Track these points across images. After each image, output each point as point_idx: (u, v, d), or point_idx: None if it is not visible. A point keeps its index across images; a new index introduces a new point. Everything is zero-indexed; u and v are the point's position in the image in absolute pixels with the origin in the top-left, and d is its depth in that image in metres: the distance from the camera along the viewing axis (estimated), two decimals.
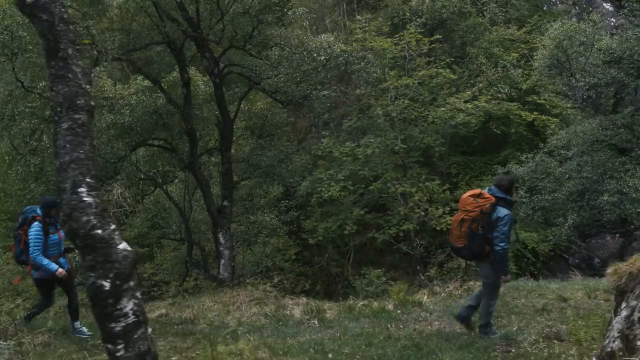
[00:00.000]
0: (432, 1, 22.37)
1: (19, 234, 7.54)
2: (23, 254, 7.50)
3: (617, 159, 13.10)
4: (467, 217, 6.74)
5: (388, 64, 15.20)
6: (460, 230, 6.81)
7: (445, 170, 23.11)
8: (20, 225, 7.55)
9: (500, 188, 6.84)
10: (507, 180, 7.05)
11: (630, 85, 13.50)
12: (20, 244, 7.51)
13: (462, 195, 7.00)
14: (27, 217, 7.46)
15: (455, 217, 6.94)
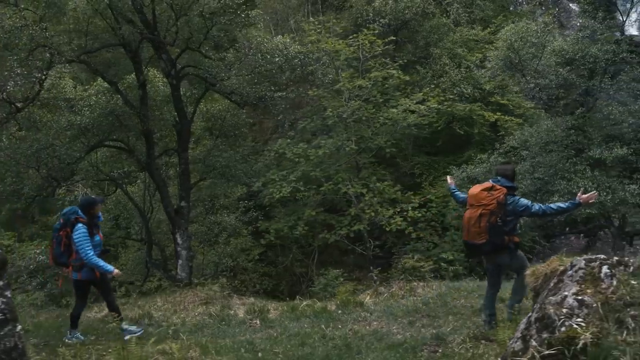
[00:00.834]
0: (395, 2, 22.55)
1: (59, 235, 7.44)
2: (63, 256, 7.46)
3: (569, 160, 13.33)
4: (486, 211, 6.66)
5: (342, 65, 15.25)
6: (480, 226, 6.72)
7: (409, 171, 23.34)
8: (61, 227, 7.45)
9: (506, 178, 6.90)
10: (510, 169, 7.14)
11: (581, 87, 13.75)
12: (60, 246, 7.43)
13: (472, 192, 6.87)
14: (69, 219, 7.37)
15: (471, 214, 6.79)
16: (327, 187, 14.13)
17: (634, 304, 4.43)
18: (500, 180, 6.86)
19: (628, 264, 4.85)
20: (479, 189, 6.83)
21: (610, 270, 4.73)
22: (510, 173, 7.02)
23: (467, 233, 6.93)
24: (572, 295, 4.55)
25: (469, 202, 6.89)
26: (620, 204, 12.47)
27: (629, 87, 13.59)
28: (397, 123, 14.06)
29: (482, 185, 6.89)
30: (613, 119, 13.46)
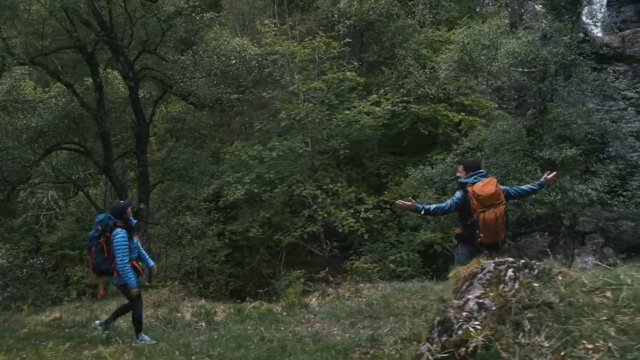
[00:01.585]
0: (359, 3, 22.60)
1: (99, 243, 7.39)
2: (105, 263, 7.41)
3: (520, 161, 13.48)
4: (504, 204, 6.62)
5: (297, 68, 15.20)
6: (503, 222, 6.65)
7: (375, 171, 23.46)
8: (101, 234, 7.40)
9: (481, 167, 7.00)
10: (478, 161, 7.32)
11: (532, 89, 13.92)
12: (103, 253, 7.38)
13: (486, 191, 6.59)
14: (108, 224, 7.36)
15: (497, 214, 6.56)
16: (280, 189, 14.12)
17: (532, 306, 4.49)
18: (484, 172, 6.89)
19: (533, 267, 4.93)
20: (492, 187, 6.62)
21: (514, 274, 4.79)
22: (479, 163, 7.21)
23: (496, 233, 6.72)
24: (474, 299, 4.61)
25: (485, 204, 6.58)
26: (570, 204, 12.66)
27: (580, 89, 13.79)
28: (351, 125, 14.04)
29: (489, 183, 6.68)
30: (562, 120, 13.67)
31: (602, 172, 12.98)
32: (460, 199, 6.95)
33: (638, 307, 4.31)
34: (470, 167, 7.06)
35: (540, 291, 4.59)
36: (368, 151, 24.06)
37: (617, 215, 13.08)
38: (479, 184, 6.73)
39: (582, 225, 13.73)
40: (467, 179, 6.89)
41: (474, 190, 6.67)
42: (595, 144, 13.73)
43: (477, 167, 7.01)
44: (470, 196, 6.72)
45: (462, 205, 6.97)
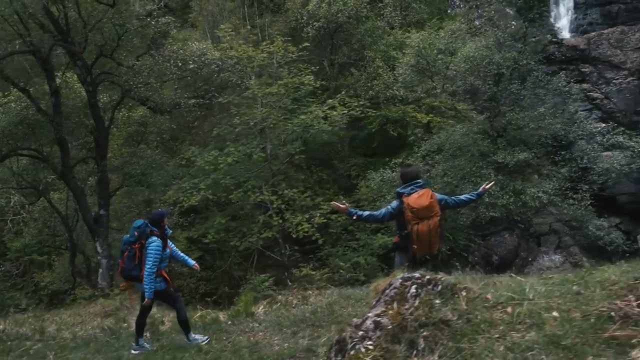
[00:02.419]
0: (328, 5, 22.54)
1: (133, 248, 7.35)
2: (135, 269, 7.38)
3: (476, 164, 13.50)
4: (438, 216, 6.55)
5: (254, 72, 15.05)
6: (437, 234, 6.57)
7: (345, 172, 23.46)
8: (136, 240, 7.34)
9: (419, 177, 6.89)
10: (416, 170, 7.15)
11: (486, 93, 13.95)
12: (134, 259, 7.35)
13: (420, 203, 6.48)
14: (144, 231, 7.32)
15: (430, 226, 6.49)
16: (236, 195, 14.01)
17: (429, 324, 4.45)
18: (421, 182, 6.80)
19: (438, 283, 4.89)
20: (427, 199, 6.52)
21: (417, 290, 4.75)
22: (419, 173, 7.07)
23: (429, 245, 6.62)
24: (373, 317, 4.56)
25: (419, 216, 6.50)
26: (523, 207, 12.71)
27: (534, 94, 13.84)
28: (307, 130, 13.94)
29: (423, 195, 6.57)
30: (515, 125, 13.71)
31: (555, 175, 13.06)
32: (395, 208, 6.85)
33: (532, 324, 4.29)
34: (407, 177, 6.89)
35: (440, 308, 4.56)
36: (339, 153, 24.06)
37: (568, 217, 13.16)
38: (414, 195, 6.60)
39: (537, 227, 13.79)
40: (403, 189, 6.76)
41: (409, 202, 6.56)
42: (549, 147, 13.79)
43: (414, 177, 6.85)
44: (405, 207, 6.67)
45: (397, 215, 6.91)
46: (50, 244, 20.18)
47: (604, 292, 4.38)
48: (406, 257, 7.08)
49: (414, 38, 14.90)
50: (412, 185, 6.70)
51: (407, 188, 6.73)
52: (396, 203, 6.85)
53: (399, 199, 6.81)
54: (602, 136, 13.14)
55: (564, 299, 4.46)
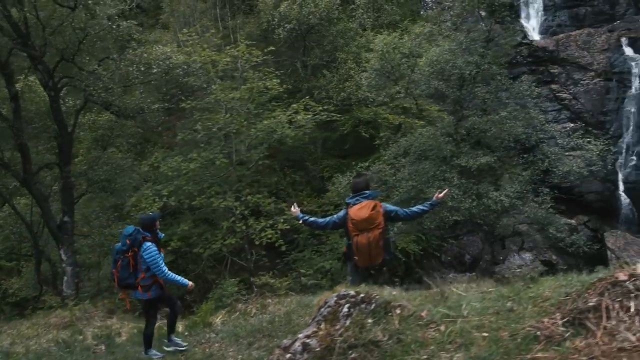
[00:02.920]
0: (299, 7, 22.39)
1: (126, 257, 7.20)
2: (131, 277, 7.25)
3: (440, 167, 13.47)
4: (380, 229, 6.48)
5: (218, 76, 14.80)
6: (379, 246, 6.49)
7: (318, 174, 23.36)
8: (129, 248, 7.20)
9: (369, 189, 6.80)
10: (367, 180, 7.06)
11: (450, 96, 13.93)
12: (129, 267, 7.21)
13: (359, 216, 6.40)
14: (137, 239, 7.18)
15: (370, 239, 6.41)
16: (199, 201, 13.80)
17: (358, 345, 4.36)
18: (369, 193, 6.72)
19: (372, 301, 4.80)
20: (367, 211, 6.42)
21: (349, 310, 4.66)
22: (368, 184, 6.98)
23: (369, 257, 6.58)
24: (302, 338, 4.47)
25: (358, 228, 6.44)
26: (486, 210, 12.72)
27: (497, 97, 13.86)
28: (270, 135, 13.77)
29: (364, 207, 6.47)
30: (478, 128, 13.72)
31: (517, 178, 13.10)
32: (340, 218, 6.80)
33: (462, 343, 4.22)
34: (356, 187, 6.84)
35: (370, 328, 4.47)
36: (312, 154, 23.96)
37: (530, 220, 13.22)
38: (356, 207, 6.52)
39: (501, 229, 13.83)
40: (350, 200, 6.73)
41: (350, 213, 6.51)
42: (512, 150, 13.85)
43: (363, 188, 6.79)
44: (347, 218, 6.60)
45: (341, 225, 6.85)
46: (17, 251, 19.75)
47: (535, 309, 4.33)
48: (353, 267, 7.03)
49: (378, 42, 14.80)
50: (358, 196, 6.63)
51: (353, 198, 6.69)
52: (342, 213, 6.78)
53: (346, 208, 6.75)
54: (563, 139, 13.20)
55: (497, 316, 4.41)
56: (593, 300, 3.98)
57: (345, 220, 6.68)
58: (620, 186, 23.91)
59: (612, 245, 23.10)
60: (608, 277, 4.17)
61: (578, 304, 4.07)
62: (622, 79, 24.32)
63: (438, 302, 5.51)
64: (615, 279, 4.09)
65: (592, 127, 24.91)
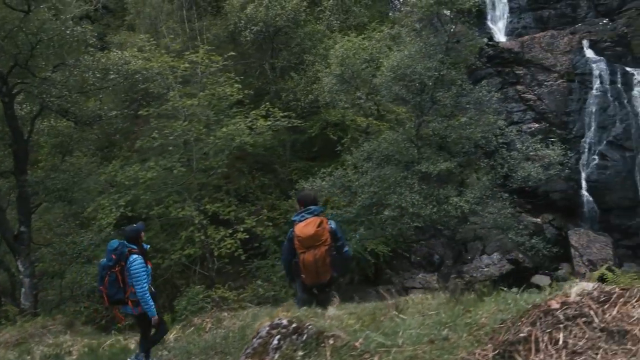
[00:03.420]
0: (266, 9, 22.05)
1: (113, 272, 6.89)
2: (120, 292, 6.95)
3: (401, 174, 13.32)
4: (327, 246, 6.32)
5: (177, 82, 14.37)
6: (326, 263, 6.35)
7: (287, 177, 23.10)
8: (115, 263, 6.90)
9: (316, 204, 6.61)
10: (314, 195, 6.84)
11: (410, 102, 13.79)
12: (117, 283, 6.91)
13: (306, 233, 6.24)
14: (123, 252, 6.89)
15: (316, 256, 6.29)
16: (156, 211, 13.42)
17: None
18: (315, 209, 6.51)
19: (303, 332, 4.60)
20: (312, 228, 6.26)
21: (279, 342, 4.45)
22: (315, 199, 6.81)
23: (317, 275, 6.45)
24: None
25: (304, 245, 6.27)
26: (446, 216, 12.63)
27: (457, 103, 13.76)
28: (229, 143, 13.42)
29: (310, 223, 6.29)
30: (438, 134, 13.63)
31: (476, 184, 13.03)
32: (290, 239, 6.59)
33: None
34: (302, 203, 6.65)
35: None
36: (280, 157, 23.68)
37: (489, 225, 13.18)
38: (302, 224, 6.33)
39: (462, 234, 13.76)
40: (295, 217, 6.52)
41: (295, 230, 6.32)
42: (472, 155, 13.78)
43: (310, 203, 6.58)
44: (293, 236, 6.38)
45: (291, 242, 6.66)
46: None
47: (470, 338, 4.18)
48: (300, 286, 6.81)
49: (338, 48, 14.60)
50: (304, 212, 6.42)
51: (298, 215, 6.47)
52: (290, 231, 6.57)
53: (292, 226, 6.54)
54: (522, 144, 13.18)
55: (431, 345, 4.24)
56: (524, 331, 3.82)
57: (291, 238, 6.48)
58: (583, 185, 24.19)
59: (576, 243, 23.37)
60: (542, 304, 4.02)
61: (510, 334, 3.92)
62: (583, 80, 24.57)
63: (378, 325, 5.35)
64: (547, 307, 3.95)
65: (556, 127, 25.15)
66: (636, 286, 5.07)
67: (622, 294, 4.79)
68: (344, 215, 13.92)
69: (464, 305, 5.88)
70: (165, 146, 13.77)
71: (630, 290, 4.86)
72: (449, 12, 16.22)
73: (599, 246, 22.86)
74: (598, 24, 25.26)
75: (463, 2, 12.85)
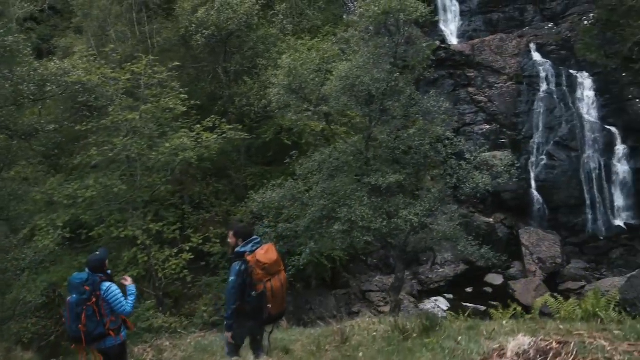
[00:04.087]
0: (217, 13, 21.24)
1: (89, 306, 6.27)
2: (99, 326, 6.33)
3: (351, 186, 12.90)
4: (284, 271, 6.24)
5: (118, 94, 13.46)
6: (284, 291, 6.15)
7: (242, 182, 22.43)
8: (90, 295, 6.28)
9: (253, 234, 6.36)
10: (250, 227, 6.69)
11: (359, 113, 13.38)
12: (96, 316, 6.28)
13: (271, 259, 6.01)
14: (95, 282, 6.34)
15: (279, 282, 6.08)
16: (97, 232, 12.60)
17: None
18: (259, 239, 6.30)
19: None
20: (274, 253, 6.10)
21: None
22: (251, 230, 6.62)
23: (282, 302, 6.26)
24: None
25: (270, 272, 5.99)
26: (396, 230, 12.31)
27: (407, 113, 13.42)
28: (173, 159, 12.66)
29: (270, 249, 6.11)
30: (387, 146, 13.28)
31: (425, 196, 12.76)
32: (243, 273, 6.05)
33: None
34: (243, 235, 6.30)
35: None
36: (234, 162, 22.97)
37: (439, 237, 12.95)
38: (260, 251, 6.07)
39: (413, 245, 13.47)
40: (244, 248, 6.12)
41: (258, 259, 5.97)
42: (421, 167, 13.50)
43: (250, 234, 6.31)
44: (252, 266, 5.96)
45: (245, 278, 6.17)
46: None
47: None
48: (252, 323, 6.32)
49: (284, 59, 14.04)
50: (253, 242, 6.13)
51: (247, 246, 6.11)
52: (239, 264, 6.08)
53: (241, 259, 6.06)
54: (470, 154, 12.97)
55: None
56: None
57: (249, 271, 6.00)
58: (532, 184, 24.45)
59: (526, 242, 23.63)
60: None
61: None
62: (532, 82, 24.78)
63: None
64: None
65: (506, 128, 25.32)
66: (572, 340, 4.75)
67: (559, 350, 4.44)
68: (294, 228, 13.42)
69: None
70: (107, 162, 12.90)
71: (567, 346, 4.51)
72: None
73: (548, 244, 23.15)
74: (544, 28, 25.46)
75: (411, 13, 12.49)
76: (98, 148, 12.49)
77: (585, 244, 23.10)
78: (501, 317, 7.66)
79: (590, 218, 23.41)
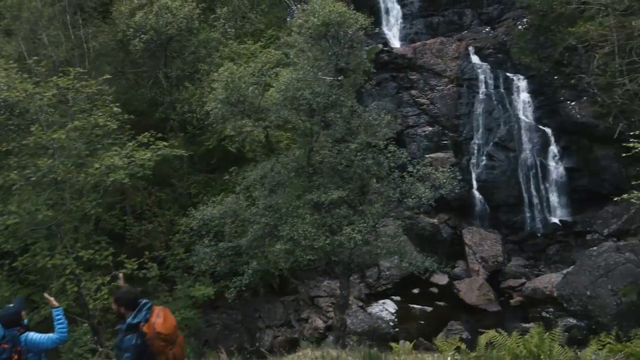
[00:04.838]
0: (156, 17, 20.07)
1: None
2: None
3: (293, 203, 12.28)
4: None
5: (43, 111, 12.22)
6: (183, 355, 5.53)
7: (185, 191, 21.45)
8: (11, 351, 6.05)
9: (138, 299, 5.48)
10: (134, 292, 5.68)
11: (301, 127, 12.78)
12: None
13: (170, 327, 5.29)
14: (14, 336, 6.10)
15: (180, 349, 5.45)
16: (20, 262, 11.46)
17: None
18: (148, 302, 5.53)
19: None
20: (172, 319, 5.43)
21: None
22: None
23: None
24: None
25: (172, 340, 5.31)
26: (339, 247, 11.83)
27: (349, 126, 12.92)
28: (103, 179, 11.64)
29: (164, 315, 5.36)
30: (328, 162, 12.75)
31: (369, 212, 12.33)
32: (140, 346, 5.17)
33: None
34: (127, 302, 5.37)
35: None
36: (177, 170, 21.91)
37: (384, 253, 12.57)
38: (158, 320, 5.25)
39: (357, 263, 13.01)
40: (137, 319, 5.23)
41: (157, 330, 5.18)
42: (365, 181, 13.07)
43: (135, 299, 5.37)
44: (151, 337, 5.18)
45: (144, 351, 5.37)
46: None
47: None
48: None
49: (222, 71, 13.25)
50: (144, 310, 5.27)
51: (140, 314, 5.24)
52: (134, 338, 5.26)
53: (136, 331, 5.24)
54: (413, 167, 12.62)
55: None
56: None
57: (147, 344, 5.20)
58: (474, 185, 24.59)
59: (469, 242, 23.73)
60: None
61: None
62: (471, 85, 24.84)
63: None
64: None
65: (448, 130, 25.31)
66: None
67: None
68: (236, 247, 12.70)
69: None
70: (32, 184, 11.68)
71: None
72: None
73: (490, 243, 23.35)
74: (482, 31, 25.57)
75: (350, 25, 11.95)
76: (19, 171, 11.27)
77: (524, 241, 23.45)
78: (446, 349, 7.33)
79: (528, 216, 23.77)
